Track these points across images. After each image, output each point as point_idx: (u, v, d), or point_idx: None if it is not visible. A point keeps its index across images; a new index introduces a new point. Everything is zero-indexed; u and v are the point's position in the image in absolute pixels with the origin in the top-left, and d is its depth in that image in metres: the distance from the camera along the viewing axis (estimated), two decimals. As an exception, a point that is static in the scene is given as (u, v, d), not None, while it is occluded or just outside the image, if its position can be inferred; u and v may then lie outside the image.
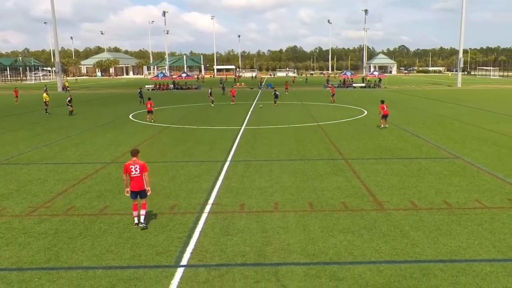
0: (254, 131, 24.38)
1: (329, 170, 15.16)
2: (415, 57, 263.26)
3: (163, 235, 9.57)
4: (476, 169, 15.03)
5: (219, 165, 16.14)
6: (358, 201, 11.73)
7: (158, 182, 13.76)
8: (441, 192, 12.47)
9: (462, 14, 71.45)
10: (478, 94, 54.09)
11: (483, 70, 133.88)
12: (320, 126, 26.03)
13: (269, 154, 18.08)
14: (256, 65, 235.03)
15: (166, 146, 20.07)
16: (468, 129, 24.37)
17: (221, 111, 36.20)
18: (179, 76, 79.23)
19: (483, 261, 8.14)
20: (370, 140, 20.93)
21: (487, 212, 10.76)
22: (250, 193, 12.49)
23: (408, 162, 16.21)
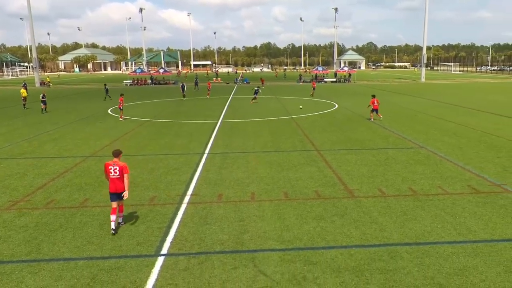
0: (230, 125, 24.32)
1: (303, 161, 15.28)
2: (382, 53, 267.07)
3: (143, 226, 9.47)
4: (439, 158, 15.42)
5: (197, 157, 16.05)
6: (330, 189, 11.88)
7: (137, 174, 13.59)
8: (407, 179, 12.75)
9: (426, 13, 72.77)
10: (440, 88, 55.38)
11: (445, 65, 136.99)
12: (293, 119, 26.17)
13: (245, 146, 18.08)
14: (231, 61, 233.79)
15: (145, 140, 19.82)
16: (431, 120, 24.93)
17: (198, 105, 35.94)
18: (156, 71, 78.08)
19: (445, 243, 8.39)
20: (340, 132, 21.18)
21: (449, 197, 11.08)
22: (227, 184, 12.48)
23: (376, 152, 16.49)
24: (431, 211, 10.14)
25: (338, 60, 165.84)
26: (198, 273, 7.37)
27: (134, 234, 9.01)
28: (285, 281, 7.09)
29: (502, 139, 18.88)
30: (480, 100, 37.07)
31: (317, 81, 71.64)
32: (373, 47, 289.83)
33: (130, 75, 75.40)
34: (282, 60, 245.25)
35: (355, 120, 25.42)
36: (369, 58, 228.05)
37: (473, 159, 15.19)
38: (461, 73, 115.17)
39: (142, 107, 34.68)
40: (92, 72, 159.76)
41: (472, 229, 9.07)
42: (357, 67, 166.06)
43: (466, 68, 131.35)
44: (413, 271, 7.33)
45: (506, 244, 8.32)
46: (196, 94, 48.02)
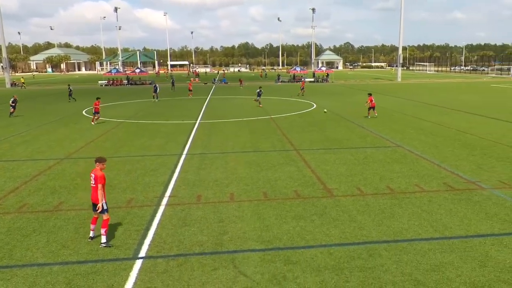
0: (209, 125, 24.23)
1: (282, 160, 15.34)
2: (359, 54, 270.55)
3: (121, 229, 9.34)
4: (416, 157, 15.73)
5: (175, 158, 15.92)
6: (309, 189, 11.96)
7: (114, 176, 13.40)
8: (384, 178, 12.96)
9: (401, 14, 74.16)
10: (416, 88, 56.49)
11: (420, 65, 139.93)
12: (272, 119, 26.26)
13: (224, 146, 18.04)
14: (209, 61, 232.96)
15: (121, 141, 19.55)
16: (408, 120, 25.41)
17: (175, 106, 35.67)
18: (132, 71, 77.20)
19: (422, 240, 8.57)
20: (319, 132, 21.36)
21: (426, 195, 11.31)
22: (206, 185, 12.43)
23: (354, 152, 16.70)
24: (408, 208, 10.34)
25: (316, 60, 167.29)
26: (177, 276, 7.32)
27: (111, 237, 8.87)
28: (265, 281, 7.11)
29: (475, 137, 19.39)
30: (454, 100, 37.98)
31: (295, 81, 72.18)
32: (350, 47, 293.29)
33: (105, 75, 74.26)
34: (260, 60, 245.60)
35: (333, 120, 25.69)
36: (347, 58, 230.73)
37: (448, 157, 15.56)
38: (436, 73, 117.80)
39: (118, 108, 34.19)
40: (66, 72, 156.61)
41: (448, 225, 9.29)
42: (335, 67, 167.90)
43: (441, 68, 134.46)
44: (392, 268, 7.46)
45: (481, 240, 8.55)
46: (173, 95, 47.65)
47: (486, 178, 12.84)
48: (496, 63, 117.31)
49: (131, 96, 46.08)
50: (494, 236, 8.72)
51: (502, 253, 7.99)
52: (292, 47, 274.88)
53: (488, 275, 7.22)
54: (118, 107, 35.09)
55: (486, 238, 8.62)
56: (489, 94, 45.36)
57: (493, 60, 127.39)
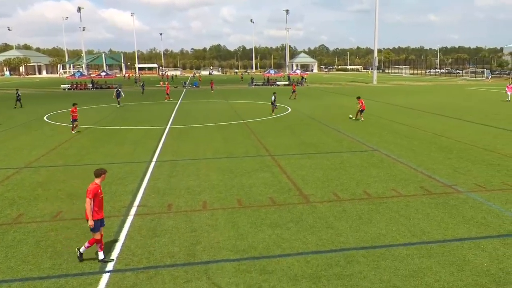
0: (179, 130, 24.04)
1: (256, 166, 15.37)
2: (335, 56, 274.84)
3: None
4: (392, 161, 16.05)
5: (143, 165, 15.72)
6: (285, 195, 12.02)
7: (78, 186, 13.11)
8: (361, 183, 13.15)
9: (376, 16, 75.82)
10: (392, 91, 57.75)
11: (396, 68, 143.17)
12: (246, 124, 26.29)
13: (196, 153, 17.94)
14: (179, 64, 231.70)
15: (86, 148, 19.16)
16: (384, 123, 25.93)
17: (144, 110, 35.25)
18: (98, 75, 75.92)
19: (400, 246, 8.73)
20: (294, 136, 21.52)
21: (403, 200, 11.54)
22: (177, 193, 12.32)
23: (330, 156, 16.89)
24: (385, 214, 10.52)
25: (290, 63, 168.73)
26: (147, 289, 7.20)
27: (76, 251, 8.65)
28: (241, 292, 7.07)
29: (451, 140, 19.95)
30: (430, 103, 39.00)
31: (269, 85, 72.59)
32: (325, 50, 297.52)
33: (68, 78, 72.86)
34: (233, 63, 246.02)
35: (309, 124, 25.94)
36: (322, 61, 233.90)
37: (425, 161, 15.94)
38: (412, 75, 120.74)
39: (82, 113, 33.45)
40: (25, 75, 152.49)
41: (426, 230, 9.50)
42: (310, 70, 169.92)
43: (416, 70, 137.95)
44: (370, 275, 7.56)
45: (458, 244, 8.78)
46: (143, 99, 47.11)
47: (462, 181, 13.21)
48: (470, 66, 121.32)
49: (96, 101, 45.27)
50: (471, 240, 8.97)
51: (479, 257, 8.22)
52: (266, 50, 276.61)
53: (466, 279, 7.41)
54: (83, 112, 34.37)
55: (464, 242, 8.86)
56: (464, 97, 46.81)
57: (467, 63, 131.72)
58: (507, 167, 14.91)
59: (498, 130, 22.99)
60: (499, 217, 10.20)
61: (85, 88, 68.30)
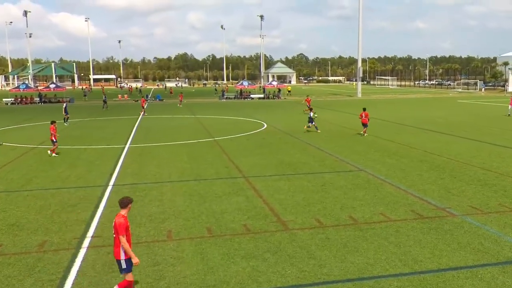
0: (140, 150, 23.81)
1: (228, 190, 15.31)
2: (315, 66, 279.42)
3: (30, 280, 8.84)
4: (380, 181, 16.26)
5: (99, 190, 15.46)
6: (261, 222, 11.98)
7: (22, 215, 12.78)
8: (346, 207, 13.25)
9: (359, 23, 77.67)
10: (378, 104, 58.90)
11: (382, 79, 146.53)
12: (216, 142, 26.27)
13: (159, 175, 17.77)
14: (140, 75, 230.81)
15: (32, 171, 18.73)
16: (370, 140, 26.33)
17: (100, 127, 34.81)
18: (46, 87, 74.83)
19: (390, 277, 8.78)
20: (271, 155, 21.60)
21: (392, 225, 11.67)
22: (138, 221, 12.13)
23: (312, 177, 17.00)
24: (373, 241, 10.59)
25: (266, 73, 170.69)
26: (102, 334, 6.99)
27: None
28: (211, 334, 6.95)
29: (443, 158, 20.40)
30: (420, 117, 39.92)
31: (242, 98, 72.97)
32: (304, 59, 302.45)
33: (11, 91, 71.56)
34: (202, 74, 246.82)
35: (287, 141, 26.11)
36: (300, 72, 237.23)
37: (415, 181, 16.22)
38: (399, 87, 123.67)
39: (28, 131, 32.83)
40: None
41: (418, 259, 9.60)
42: (287, 81, 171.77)
43: (404, 82, 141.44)
44: (357, 311, 7.56)
45: (453, 273, 8.90)
46: (103, 114, 46.56)
47: (456, 203, 13.47)
48: (462, 77, 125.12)
49: (44, 116, 44.44)
50: (468, 269, 9.11)
51: (477, 287, 8.34)
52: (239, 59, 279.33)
53: (463, 313, 7.49)
54: (29, 129, 33.70)
55: (460, 271, 8.99)
56: (457, 110, 48.15)
57: (459, 74, 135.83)
58: (505, 187, 15.31)
59: (494, 146, 23.67)
60: (497, 243, 10.42)
61: (31, 102, 67.16)
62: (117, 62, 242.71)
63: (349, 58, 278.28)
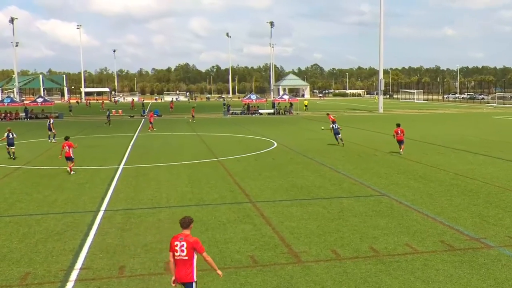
0: (136, 171, 23.87)
1: (233, 216, 15.26)
2: (331, 78, 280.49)
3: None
4: (405, 208, 16.12)
5: (89, 216, 15.47)
6: (270, 253, 11.89)
7: (2, 243, 12.81)
8: (366, 236, 13.13)
9: (381, 29, 77.79)
10: (402, 120, 58.61)
11: (406, 93, 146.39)
12: (220, 162, 26.27)
13: (157, 199, 17.77)
14: (137, 87, 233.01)
15: (15, 195, 18.82)
16: (393, 160, 26.20)
17: (93, 146, 35.01)
18: (33, 101, 75.73)
19: (417, 317, 8.64)
20: (282, 178, 21.55)
21: (419, 257, 11.53)
22: (132, 252, 12.10)
23: (327, 203, 16.90)
24: (398, 276, 10.47)
25: (276, 86, 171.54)
26: None
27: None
28: None
29: (477, 181, 20.23)
30: (450, 135, 39.74)
31: (249, 113, 73.22)
32: (318, 70, 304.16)
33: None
34: (204, 86, 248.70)
35: (299, 162, 26.06)
36: (315, 84, 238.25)
37: (445, 207, 16.07)
38: (426, 102, 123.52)
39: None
40: None
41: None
42: (300, 94, 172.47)
43: (432, 95, 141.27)
44: None
45: (490, 313, 8.74)
46: (95, 131, 46.83)
47: (492, 233, 13.31)
48: (497, 90, 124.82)
49: (30, 134, 44.81)
50: (506, 308, 8.94)
51: (516, 329, 8.18)
52: (246, 70, 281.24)
53: None
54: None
55: (497, 311, 8.82)
56: (491, 128, 47.90)
57: (493, 87, 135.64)
58: (547, 214, 15.11)
59: (534, 168, 23.43)
60: (539, 278, 10.24)
61: (16, 118, 67.83)
62: (111, 74, 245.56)
63: (369, 69, 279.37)
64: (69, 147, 23.52)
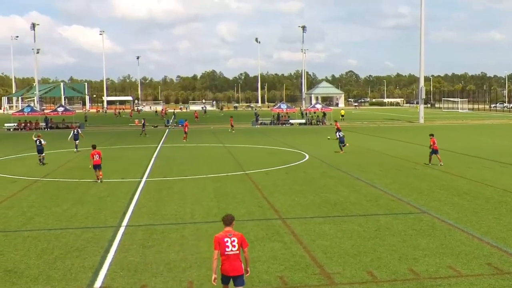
0: (159, 184, 24.06)
1: (262, 234, 15.23)
2: (367, 86, 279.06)
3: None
4: (448, 227, 15.85)
5: (110, 232, 15.63)
6: (300, 274, 11.82)
7: (21, 259, 13.02)
8: (406, 257, 12.94)
9: (421, 34, 77.31)
10: (445, 131, 57.95)
11: (450, 102, 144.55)
12: (248, 176, 26.31)
13: (181, 215, 17.86)
14: (161, 96, 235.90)
15: (33, 208, 19.16)
16: (435, 175, 25.84)
17: (114, 157, 35.46)
18: (54, 111, 77.20)
19: None
20: (313, 193, 21.45)
21: (464, 281, 11.30)
22: (154, 270, 12.17)
23: (363, 220, 16.74)
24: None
25: (308, 94, 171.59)
26: None
27: None
28: None
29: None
30: (497, 148, 39.03)
31: (279, 123, 73.27)
32: (354, 78, 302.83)
33: (14, 115, 73.82)
34: (232, 95, 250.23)
35: (332, 176, 25.92)
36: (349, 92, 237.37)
37: (493, 227, 15.75)
38: (471, 111, 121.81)
39: (31, 161, 33.74)
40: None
41: (497, 324, 9.23)
42: (334, 103, 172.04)
43: (477, 105, 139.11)
44: None
45: None
46: (117, 142, 47.46)
47: (544, 255, 12.97)
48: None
49: (50, 145, 45.58)
50: (560, 339, 8.68)
51: None
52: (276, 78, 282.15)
53: None
54: (32, 159, 34.63)
55: None
56: (542, 140, 46.84)
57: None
58: None
59: None
60: None
61: (36, 128, 68.99)
62: (134, 82, 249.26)
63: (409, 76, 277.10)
64: (99, 155, 24.80)
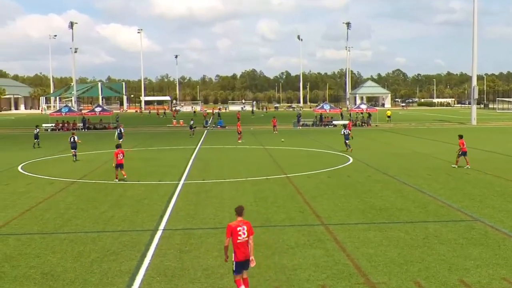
0: (197, 187, 24.25)
1: (303, 240, 15.19)
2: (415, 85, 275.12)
3: None
4: (502, 236, 15.51)
5: (147, 235, 15.83)
6: (343, 283, 11.75)
7: (57, 262, 13.30)
8: (456, 268, 12.72)
9: (474, 30, 75.79)
10: (499, 134, 56.68)
11: (505, 102, 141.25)
12: (289, 179, 26.27)
13: (219, 219, 17.95)
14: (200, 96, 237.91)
15: (70, 210, 19.55)
16: (489, 180, 25.30)
17: (152, 159, 35.93)
18: (91, 111, 78.73)
19: None
20: (358, 198, 21.28)
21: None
22: (191, 276, 12.27)
23: (410, 228, 16.53)
24: (493, 314, 10.05)
25: (353, 94, 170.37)
26: None
27: None
28: None
29: None
30: (555, 152, 37.90)
31: (322, 124, 72.97)
32: (401, 77, 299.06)
33: (52, 116, 75.54)
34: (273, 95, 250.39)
35: (378, 180, 25.65)
36: (396, 92, 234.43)
37: (550, 236, 15.34)
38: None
39: (69, 162, 34.46)
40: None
41: None
42: (380, 104, 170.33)
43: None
44: None
45: None
46: (155, 143, 48.03)
47: None
48: None
49: (88, 145, 46.52)
50: None
51: None
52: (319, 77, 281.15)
53: None
54: (69, 160, 35.37)
55: None
56: None
57: None
58: None
59: None
60: None
61: (74, 129, 70.14)
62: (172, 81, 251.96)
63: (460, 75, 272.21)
64: (122, 154, 26.28)
